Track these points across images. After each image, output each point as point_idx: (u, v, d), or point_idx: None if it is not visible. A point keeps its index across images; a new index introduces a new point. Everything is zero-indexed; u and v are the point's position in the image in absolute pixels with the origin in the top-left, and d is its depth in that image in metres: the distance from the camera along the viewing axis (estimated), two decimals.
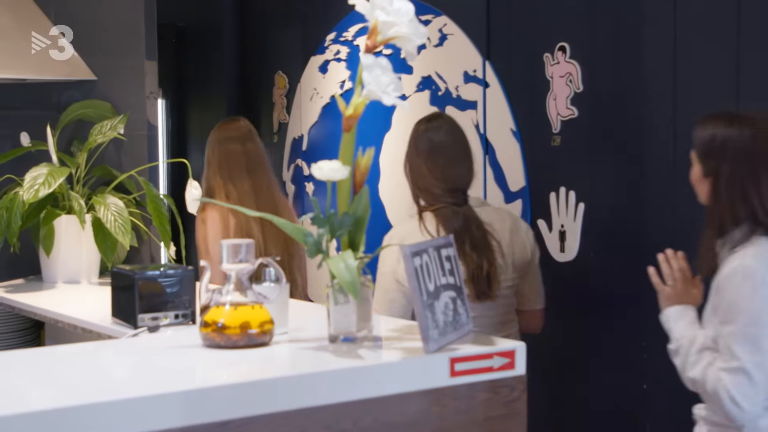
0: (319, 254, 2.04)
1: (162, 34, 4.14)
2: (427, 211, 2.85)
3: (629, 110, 3.11)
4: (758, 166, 2.24)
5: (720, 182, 2.27)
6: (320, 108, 4.54)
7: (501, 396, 2.03)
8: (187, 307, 2.47)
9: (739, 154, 2.25)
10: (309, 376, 1.85)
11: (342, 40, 4.38)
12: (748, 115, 2.31)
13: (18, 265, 3.70)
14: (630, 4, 3.10)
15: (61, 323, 2.90)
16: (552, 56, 3.33)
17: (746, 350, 2.14)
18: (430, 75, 3.87)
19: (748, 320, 2.15)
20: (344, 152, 2.06)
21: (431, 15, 3.83)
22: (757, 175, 2.24)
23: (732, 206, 2.25)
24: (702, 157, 2.31)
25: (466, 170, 2.91)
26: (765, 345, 2.14)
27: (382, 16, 2.01)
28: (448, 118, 3.05)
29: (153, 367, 2.01)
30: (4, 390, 1.80)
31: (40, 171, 3.32)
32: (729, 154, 2.26)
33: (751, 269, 2.17)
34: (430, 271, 2.01)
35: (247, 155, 3.52)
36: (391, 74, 2.02)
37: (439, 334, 1.98)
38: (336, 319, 2.05)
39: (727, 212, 2.26)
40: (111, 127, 3.55)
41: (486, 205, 2.99)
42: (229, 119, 3.72)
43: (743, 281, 2.16)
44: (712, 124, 2.31)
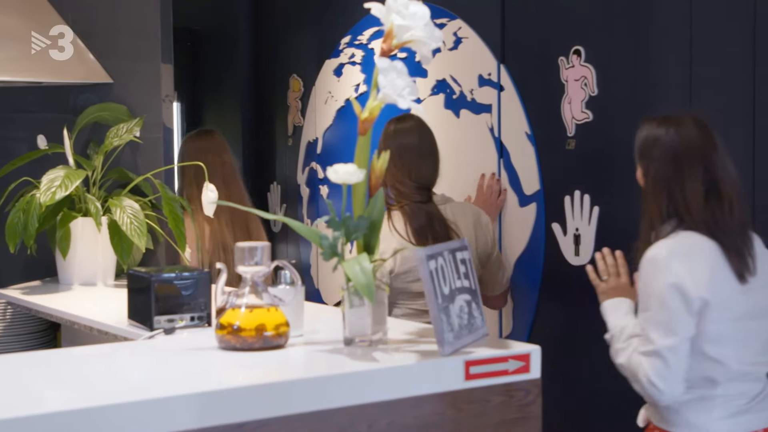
0: (334, 257, 2.05)
1: (177, 37, 4.15)
2: (394, 209, 3.05)
3: (644, 114, 3.10)
4: (681, 165, 2.37)
5: (649, 180, 2.43)
6: (335, 111, 4.55)
7: (516, 399, 2.03)
8: (203, 310, 2.48)
9: (665, 153, 2.40)
10: (324, 379, 1.86)
11: (357, 43, 4.38)
12: (679, 116, 2.45)
13: (34, 267, 3.72)
14: (645, 8, 3.10)
15: (77, 325, 2.91)
16: (567, 60, 3.33)
17: (659, 334, 2.28)
18: (444, 78, 3.88)
19: (658, 306, 2.29)
20: (360, 155, 2.07)
21: (446, 18, 3.83)
22: (680, 173, 2.37)
23: (659, 203, 2.39)
24: (637, 157, 2.48)
25: (432, 169, 3.13)
26: (676, 328, 2.27)
27: (397, 20, 2.02)
28: (417, 118, 3.21)
29: (169, 369, 2.02)
30: (20, 391, 1.81)
31: (56, 173, 3.33)
32: (657, 154, 2.41)
33: (659, 257, 2.32)
34: (445, 275, 2.01)
35: (224, 167, 3.77)
36: (407, 78, 2.03)
37: (454, 337, 1.99)
38: (351, 321, 2.06)
39: (656, 209, 2.40)
40: (127, 130, 3.56)
41: (450, 201, 3.18)
42: (201, 131, 4.00)
43: (652, 269, 2.32)
44: (647, 125, 2.47)
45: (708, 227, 2.35)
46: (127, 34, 3.77)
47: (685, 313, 2.27)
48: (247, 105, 5.26)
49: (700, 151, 2.37)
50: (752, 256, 2.37)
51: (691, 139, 2.38)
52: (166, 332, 2.41)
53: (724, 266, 2.32)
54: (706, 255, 2.32)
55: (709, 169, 2.37)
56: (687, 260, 2.30)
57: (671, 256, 2.31)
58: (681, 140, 2.38)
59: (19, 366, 2.04)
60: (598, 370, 3.30)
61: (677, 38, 2.99)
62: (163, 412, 1.68)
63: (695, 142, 2.38)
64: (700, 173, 2.36)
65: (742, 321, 2.34)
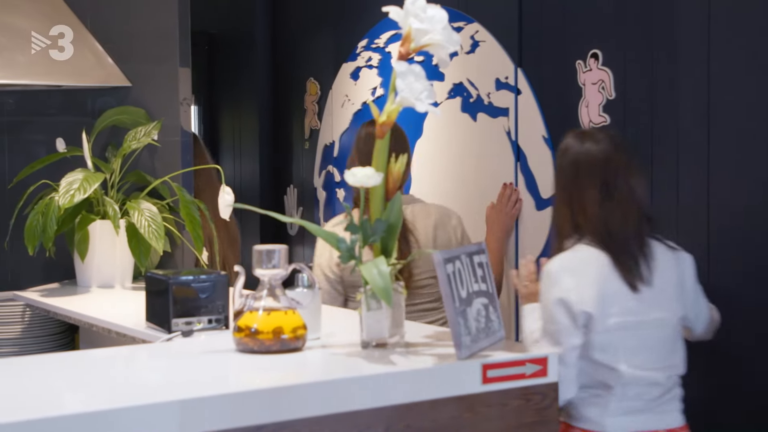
0: (352, 260, 2.05)
1: (195, 41, 4.16)
2: (355, 209, 3.09)
3: (662, 118, 3.10)
4: (580, 176, 2.50)
5: (557, 189, 2.56)
6: (351, 114, 4.56)
7: (533, 403, 2.03)
8: (221, 312, 2.49)
9: (569, 164, 2.53)
10: (342, 382, 1.86)
11: (374, 47, 4.39)
12: (597, 131, 2.64)
13: (53, 269, 3.74)
14: (662, 11, 3.09)
15: (95, 327, 2.92)
16: (584, 63, 3.33)
17: (547, 343, 2.42)
18: (461, 82, 3.87)
19: (548, 317, 2.43)
20: (377, 159, 2.07)
21: (463, 22, 3.83)
22: (579, 183, 2.50)
23: (563, 212, 2.53)
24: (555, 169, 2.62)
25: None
26: (561, 339, 2.40)
27: (416, 24, 2.02)
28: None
29: (187, 372, 2.02)
30: (39, 393, 1.82)
31: (75, 176, 3.35)
32: (563, 164, 2.55)
33: (551, 271, 2.45)
34: (462, 278, 2.01)
35: (209, 172, 3.94)
36: (425, 81, 2.03)
37: (472, 340, 1.99)
38: (368, 324, 2.06)
39: (561, 217, 2.54)
40: (145, 133, 3.58)
41: (418, 202, 3.25)
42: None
43: (545, 282, 2.45)
44: (566, 137, 2.59)
45: (602, 238, 2.46)
46: (146, 38, 3.79)
47: (571, 325, 2.40)
48: (264, 108, 5.27)
49: (603, 164, 2.48)
50: (649, 266, 2.47)
51: (593, 152, 2.50)
52: (184, 335, 2.42)
53: (614, 278, 2.43)
54: (595, 269, 2.43)
55: (608, 182, 2.47)
56: (575, 275, 2.42)
57: (561, 271, 2.44)
58: (584, 152, 2.51)
59: (38, 368, 2.05)
60: None
61: (694, 41, 2.98)
62: (181, 414, 1.69)
63: (598, 156, 2.49)
64: (597, 185, 2.47)
65: (633, 330, 2.45)
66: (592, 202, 2.47)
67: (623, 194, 2.48)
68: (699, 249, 2.98)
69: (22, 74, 3.50)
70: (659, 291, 2.48)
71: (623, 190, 2.48)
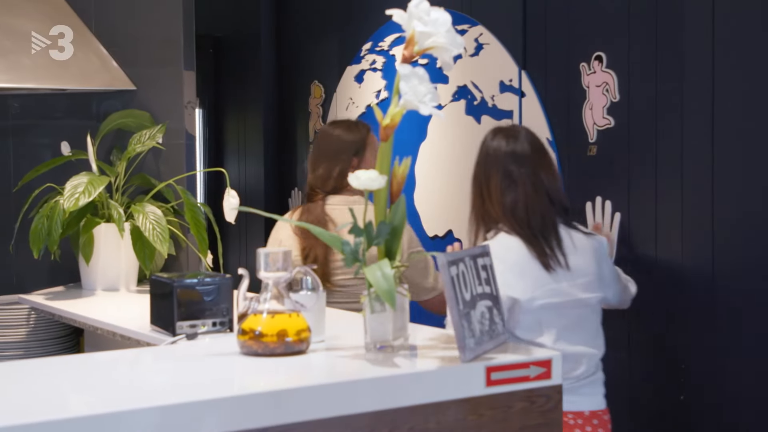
0: (356, 263, 2.05)
1: (200, 44, 4.17)
2: (297, 208, 3.24)
3: (666, 120, 3.10)
4: (489, 169, 2.70)
5: (472, 183, 2.75)
6: (356, 117, 4.56)
7: (537, 405, 2.03)
8: (225, 315, 2.49)
9: (481, 157, 2.74)
10: (346, 384, 1.86)
11: (378, 49, 4.40)
12: (517, 128, 2.80)
13: (58, 272, 3.75)
14: (666, 13, 3.09)
15: (100, 330, 2.93)
16: (588, 66, 3.33)
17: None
18: (465, 84, 3.88)
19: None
20: (381, 161, 2.08)
21: (467, 25, 3.84)
22: (487, 176, 2.70)
23: (475, 204, 2.73)
24: None
25: (326, 173, 3.21)
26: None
27: (419, 27, 2.02)
28: (340, 122, 3.36)
29: (191, 374, 2.03)
30: (44, 396, 1.83)
31: (80, 180, 3.36)
32: (478, 158, 2.75)
33: None
34: (466, 280, 2.01)
35: None
36: (428, 84, 2.03)
37: (476, 343, 1.99)
38: (372, 327, 2.06)
39: (475, 209, 2.73)
40: (150, 137, 3.59)
41: (354, 204, 3.20)
42: None
43: None
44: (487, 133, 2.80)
45: (511, 225, 2.65)
46: (150, 42, 3.80)
47: None
48: (269, 111, 5.28)
49: (508, 156, 2.68)
50: (563, 251, 2.64)
51: (501, 146, 2.70)
52: (189, 337, 2.42)
53: (532, 264, 2.59)
54: (516, 255, 2.60)
55: (511, 172, 2.67)
56: (500, 262, 2.46)
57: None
58: (494, 146, 2.71)
59: (43, 371, 2.06)
60: (618, 376, 3.29)
61: (699, 43, 2.98)
62: (185, 417, 1.69)
63: (505, 149, 2.69)
64: (500, 175, 2.67)
65: (557, 310, 2.61)
66: (496, 190, 2.68)
67: (528, 185, 2.66)
68: (703, 250, 2.98)
69: (28, 78, 3.51)
70: (580, 274, 2.66)
71: (528, 181, 2.66)
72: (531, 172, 2.67)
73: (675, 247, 3.07)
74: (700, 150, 2.99)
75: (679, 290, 3.06)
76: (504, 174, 2.68)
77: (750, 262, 2.88)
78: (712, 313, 2.97)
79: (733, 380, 2.92)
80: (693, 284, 3.02)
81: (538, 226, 2.64)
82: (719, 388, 2.95)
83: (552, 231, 2.65)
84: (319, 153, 3.29)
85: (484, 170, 2.72)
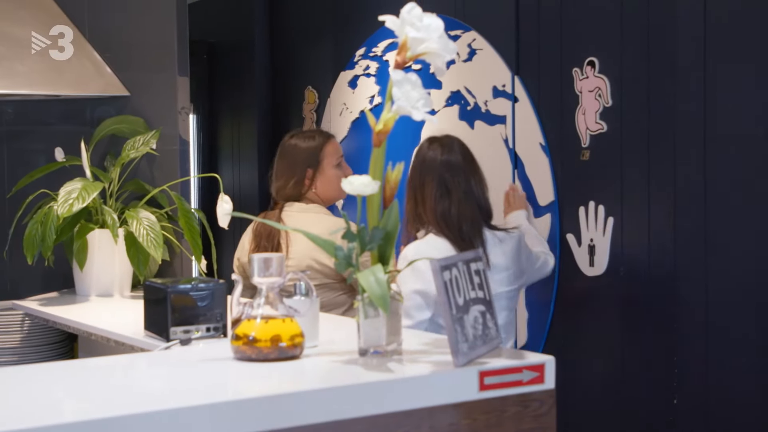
0: (349, 268, 2.06)
1: (193, 49, 4.17)
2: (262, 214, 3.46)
3: (658, 125, 3.11)
4: (424, 176, 2.99)
5: (407, 188, 3.01)
6: (350, 123, 4.57)
7: (530, 410, 2.03)
8: (219, 321, 2.50)
9: (417, 166, 3.01)
10: (339, 389, 1.87)
11: (371, 55, 4.40)
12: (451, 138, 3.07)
13: (52, 278, 3.75)
14: (659, 19, 3.11)
15: (94, 336, 2.93)
16: (581, 71, 3.34)
17: (405, 319, 2.81)
18: (459, 90, 3.89)
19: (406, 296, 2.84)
20: (374, 167, 2.08)
21: (460, 30, 3.85)
22: (422, 183, 2.99)
23: (408, 207, 3.01)
24: None
25: (283, 184, 3.42)
26: (412, 313, 2.90)
27: (412, 33, 2.03)
28: (299, 133, 3.52)
29: (185, 380, 2.03)
30: (38, 402, 1.83)
31: (74, 186, 3.36)
32: (412, 166, 3.02)
33: (407, 257, 2.92)
34: (459, 285, 2.02)
35: None
36: (421, 90, 2.04)
37: (469, 347, 1.99)
38: (366, 332, 2.07)
39: (408, 212, 3.01)
40: (144, 143, 3.59)
41: (307, 212, 3.40)
42: None
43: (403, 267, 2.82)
44: (421, 143, 3.09)
45: (440, 228, 2.95)
46: (144, 48, 3.80)
47: (423, 304, 2.91)
48: (263, 117, 5.28)
49: (443, 166, 2.97)
50: (486, 251, 2.96)
51: (437, 156, 2.99)
52: (182, 343, 2.43)
53: None
54: (441, 255, 2.69)
55: (446, 181, 2.96)
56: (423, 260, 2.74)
57: (417, 256, 2.89)
58: (429, 156, 3.00)
59: (37, 377, 2.06)
60: (612, 381, 3.30)
61: (692, 48, 2.99)
62: (179, 422, 1.69)
63: (440, 159, 2.98)
64: (435, 183, 2.96)
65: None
66: (430, 197, 2.96)
67: (460, 193, 2.97)
68: (696, 254, 2.99)
69: (22, 84, 3.51)
70: (499, 269, 3.01)
71: (460, 189, 2.97)
72: (463, 180, 2.98)
73: (668, 252, 3.08)
74: (693, 155, 3.00)
75: (671, 294, 3.07)
76: (439, 182, 2.97)
77: (743, 267, 2.89)
78: (704, 318, 2.98)
79: (725, 384, 2.93)
80: (686, 289, 3.03)
81: (467, 231, 2.95)
82: (711, 391, 2.96)
83: (478, 234, 2.97)
84: (278, 165, 3.47)
85: (420, 177, 2.99)
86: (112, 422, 1.65)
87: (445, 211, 2.95)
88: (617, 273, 3.25)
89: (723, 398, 2.94)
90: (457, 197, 2.97)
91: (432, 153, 3.00)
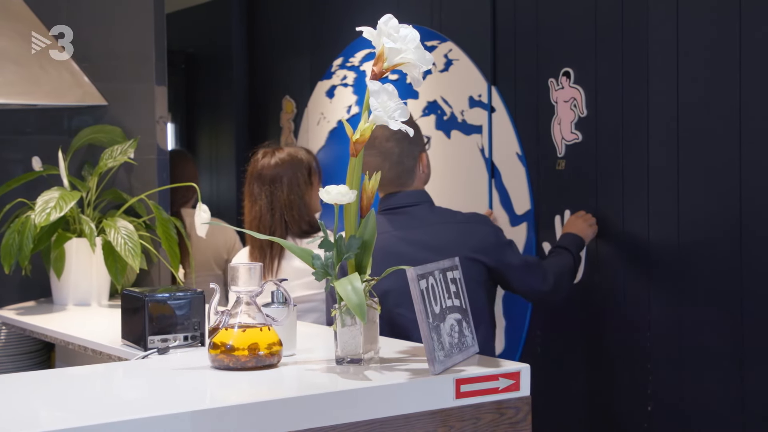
0: (326, 277, 2.07)
1: (172, 59, 4.18)
2: None
3: (633, 135, 3.15)
4: (252, 186, 3.18)
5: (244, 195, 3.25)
6: (327, 132, 4.58)
7: (506, 417, 2.05)
8: (197, 329, 2.50)
9: (249, 177, 3.20)
10: (316, 397, 1.88)
11: (348, 65, 4.42)
12: (275, 149, 3.22)
13: (29, 287, 3.73)
14: (633, 30, 3.14)
15: (71, 345, 2.92)
16: (556, 81, 3.37)
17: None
18: (435, 100, 3.91)
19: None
20: (351, 176, 2.10)
21: (437, 41, 3.87)
22: (251, 190, 3.18)
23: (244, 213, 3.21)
24: None
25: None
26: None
27: (388, 43, 2.05)
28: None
29: (163, 389, 2.04)
30: (15, 411, 1.83)
31: (51, 195, 3.35)
32: (246, 177, 3.24)
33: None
34: (435, 294, 2.04)
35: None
36: (398, 100, 2.06)
37: (445, 355, 2.01)
38: (343, 340, 2.08)
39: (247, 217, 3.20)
40: (121, 152, 3.59)
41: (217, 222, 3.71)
42: None
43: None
44: (256, 153, 3.25)
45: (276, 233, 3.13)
46: (122, 57, 3.80)
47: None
48: (241, 126, 5.29)
49: (270, 176, 3.15)
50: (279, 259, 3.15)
51: (266, 166, 3.16)
52: (160, 352, 2.43)
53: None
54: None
55: (273, 192, 3.13)
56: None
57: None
58: (260, 166, 3.18)
59: (14, 386, 2.06)
60: (588, 388, 3.32)
61: (665, 60, 3.03)
62: (156, 431, 1.70)
63: (269, 169, 3.15)
64: (265, 191, 3.14)
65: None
66: (260, 205, 3.14)
67: (282, 201, 3.13)
68: (669, 259, 3.02)
69: None
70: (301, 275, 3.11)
71: (282, 198, 3.13)
72: (289, 191, 3.15)
73: (642, 260, 3.11)
74: (666, 164, 3.03)
75: (646, 302, 3.10)
76: (269, 192, 3.15)
77: (717, 273, 2.92)
78: (679, 325, 3.01)
79: (699, 391, 2.96)
80: (660, 297, 3.06)
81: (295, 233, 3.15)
82: (686, 399, 2.99)
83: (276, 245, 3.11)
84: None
85: (250, 187, 3.21)
86: (90, 431, 1.66)
87: (276, 218, 3.19)
88: (593, 281, 3.28)
89: (697, 405, 2.97)
90: (280, 207, 3.18)
91: (263, 163, 3.22)
